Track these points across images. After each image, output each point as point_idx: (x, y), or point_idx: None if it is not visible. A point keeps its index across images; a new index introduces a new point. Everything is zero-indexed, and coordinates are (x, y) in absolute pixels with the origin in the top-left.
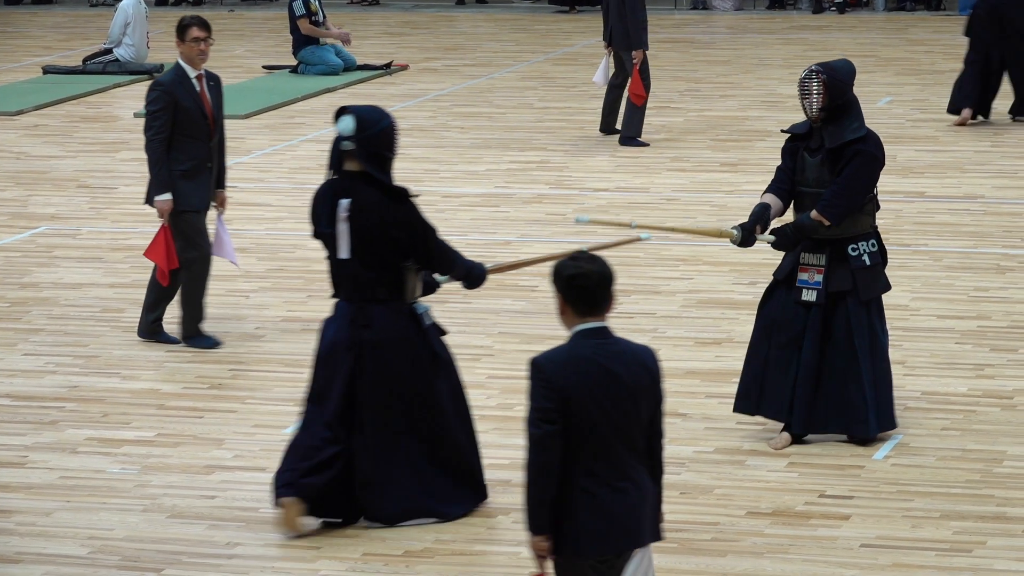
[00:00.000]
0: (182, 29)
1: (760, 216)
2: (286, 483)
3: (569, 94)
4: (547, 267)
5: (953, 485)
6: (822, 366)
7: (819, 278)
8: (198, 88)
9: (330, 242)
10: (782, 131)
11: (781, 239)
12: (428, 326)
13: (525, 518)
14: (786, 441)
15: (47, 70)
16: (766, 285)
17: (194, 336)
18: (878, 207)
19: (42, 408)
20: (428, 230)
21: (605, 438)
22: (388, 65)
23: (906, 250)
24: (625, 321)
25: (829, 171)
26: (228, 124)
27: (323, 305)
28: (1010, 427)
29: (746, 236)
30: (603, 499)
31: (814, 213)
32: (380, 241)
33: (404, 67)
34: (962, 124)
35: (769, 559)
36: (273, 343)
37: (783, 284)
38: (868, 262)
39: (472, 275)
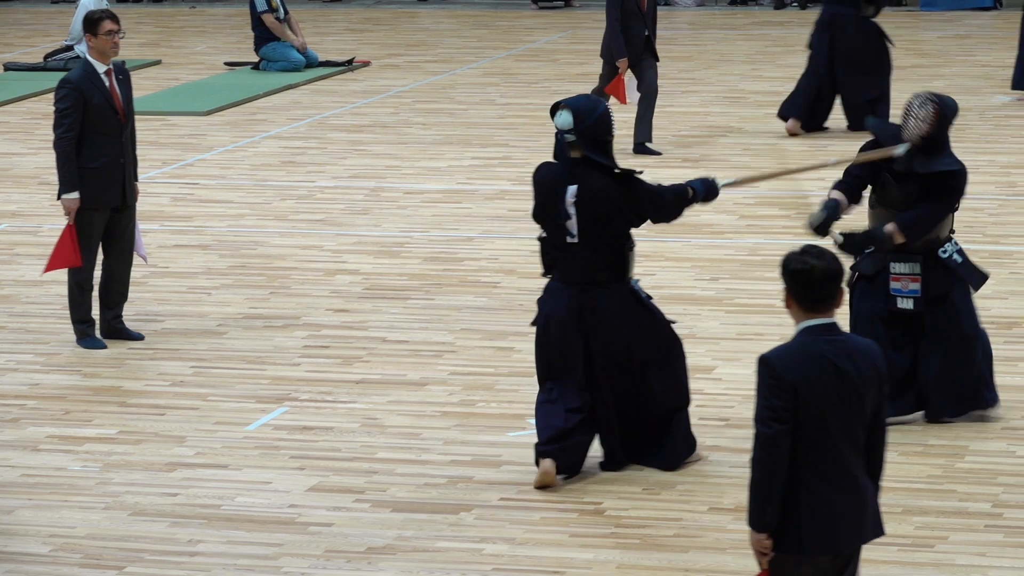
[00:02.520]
0: (94, 23)
1: (834, 211)
2: (546, 449)
3: (531, 90)
4: (510, 264)
5: (915, 480)
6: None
7: (914, 286)
8: (107, 83)
9: (552, 226)
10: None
11: (850, 245)
12: (646, 298)
13: (749, 515)
14: None
15: (8, 67)
16: (726, 281)
17: (85, 337)
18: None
19: (3, 406)
20: (656, 202)
21: (831, 436)
22: (350, 62)
23: None
24: None
25: (915, 193)
26: (189, 121)
27: (284, 302)
28: (971, 422)
29: (826, 225)
30: (827, 497)
31: (891, 227)
32: (607, 224)
33: (366, 63)
34: (793, 135)
35: (732, 555)
36: (235, 340)
37: (869, 281)
38: (959, 259)
39: (709, 196)
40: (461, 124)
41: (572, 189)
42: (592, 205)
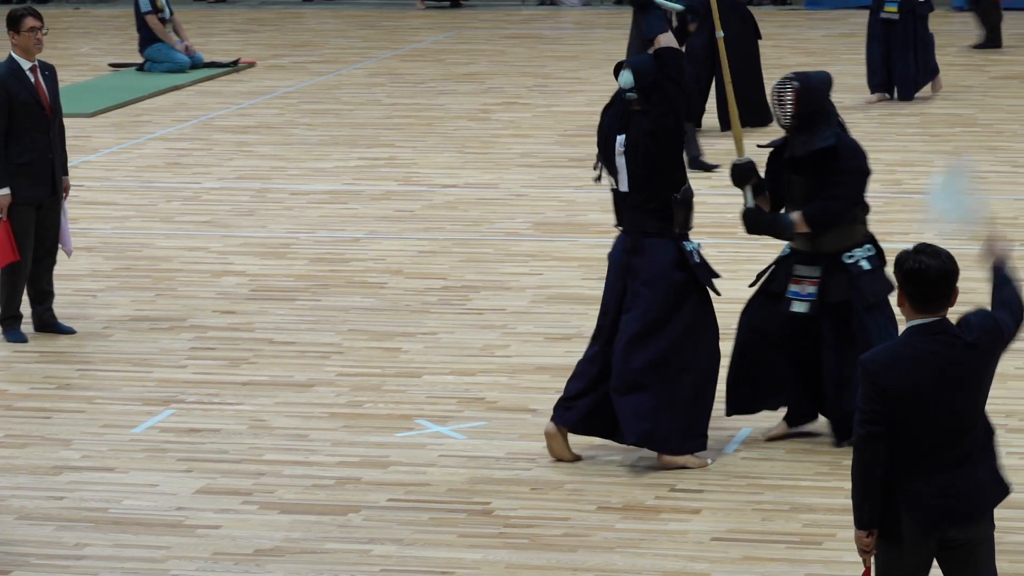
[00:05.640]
0: (16, 20)
1: (755, 168)
2: (556, 407)
3: (417, 90)
4: (397, 264)
5: (802, 478)
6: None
7: (812, 290)
8: (33, 79)
9: (610, 171)
10: (759, 147)
11: (753, 221)
12: (696, 263)
13: (854, 513)
14: (783, 430)
15: None
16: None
17: (9, 329)
18: (867, 210)
19: None
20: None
21: (933, 434)
22: (235, 62)
23: (756, 244)
24: (475, 317)
25: (807, 181)
26: (74, 122)
27: (171, 304)
28: None
29: (746, 172)
30: (928, 498)
31: (797, 216)
32: (655, 171)
33: (251, 64)
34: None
35: (620, 554)
36: (121, 342)
37: (772, 296)
38: (867, 266)
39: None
40: (347, 125)
41: (621, 139)
42: (639, 152)
